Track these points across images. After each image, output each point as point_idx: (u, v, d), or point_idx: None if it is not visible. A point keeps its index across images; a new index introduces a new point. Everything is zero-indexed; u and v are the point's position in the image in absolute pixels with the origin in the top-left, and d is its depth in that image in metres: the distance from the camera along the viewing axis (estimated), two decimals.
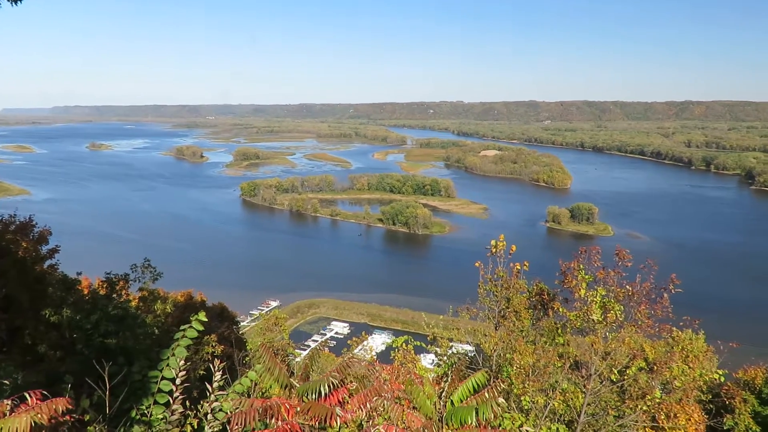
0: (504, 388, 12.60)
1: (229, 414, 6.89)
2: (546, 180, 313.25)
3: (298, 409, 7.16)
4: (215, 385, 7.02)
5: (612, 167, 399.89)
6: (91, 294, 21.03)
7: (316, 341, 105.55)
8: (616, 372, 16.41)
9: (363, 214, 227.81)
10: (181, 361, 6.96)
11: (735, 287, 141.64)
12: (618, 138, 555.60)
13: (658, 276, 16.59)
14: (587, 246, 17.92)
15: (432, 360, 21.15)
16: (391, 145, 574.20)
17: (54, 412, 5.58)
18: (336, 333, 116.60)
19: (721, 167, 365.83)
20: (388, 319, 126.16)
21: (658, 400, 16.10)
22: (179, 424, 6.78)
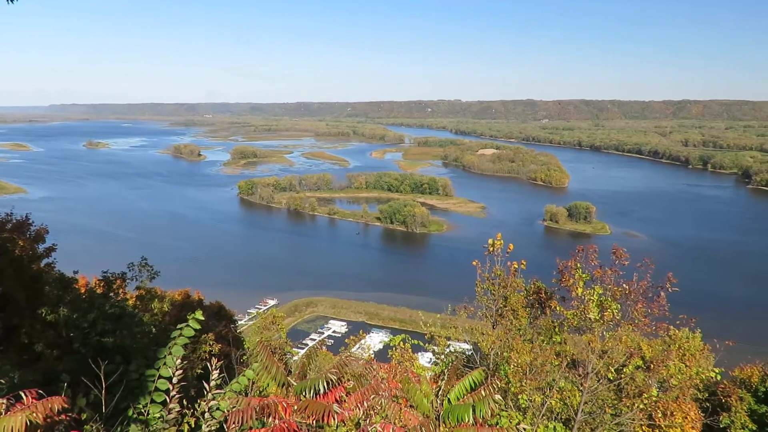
0: (501, 386, 12.62)
1: (226, 412, 6.89)
2: (543, 179, 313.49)
3: (296, 407, 7.16)
4: (212, 383, 7.02)
5: (609, 166, 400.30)
6: (88, 293, 20.99)
7: (314, 340, 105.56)
8: (613, 370, 16.47)
9: (361, 213, 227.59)
10: (178, 359, 6.96)
11: (731, 286, 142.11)
12: (615, 137, 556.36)
13: (655, 275, 16.65)
14: (584, 245, 17.99)
15: (429, 358, 21.16)
16: (389, 144, 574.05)
17: (49, 411, 5.56)
18: (333, 331, 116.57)
19: (718, 166, 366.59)
20: (386, 317, 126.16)
21: (654, 399, 16.14)
22: (176, 423, 6.77)
